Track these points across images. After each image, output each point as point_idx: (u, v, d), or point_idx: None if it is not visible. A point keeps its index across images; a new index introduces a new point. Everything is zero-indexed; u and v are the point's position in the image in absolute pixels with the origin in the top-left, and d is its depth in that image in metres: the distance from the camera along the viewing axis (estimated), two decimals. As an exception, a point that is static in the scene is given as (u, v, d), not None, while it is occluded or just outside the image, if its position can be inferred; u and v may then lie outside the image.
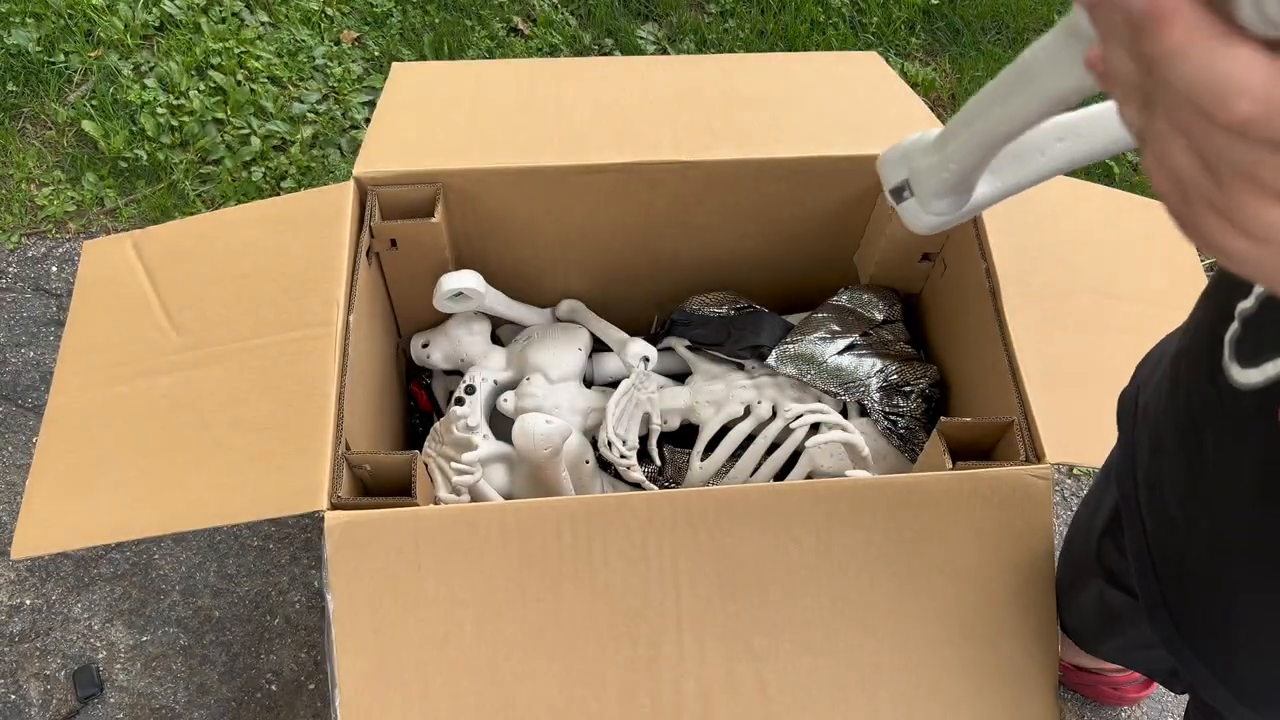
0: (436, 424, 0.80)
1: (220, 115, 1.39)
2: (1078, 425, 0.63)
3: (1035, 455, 0.62)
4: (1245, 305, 0.41)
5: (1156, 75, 0.22)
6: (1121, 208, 0.79)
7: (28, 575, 1.04)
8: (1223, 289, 0.45)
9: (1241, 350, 0.42)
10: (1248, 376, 0.41)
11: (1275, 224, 0.22)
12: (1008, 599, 0.61)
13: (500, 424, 0.80)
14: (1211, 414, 0.43)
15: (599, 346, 0.87)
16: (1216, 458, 0.40)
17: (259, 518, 0.59)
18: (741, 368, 0.84)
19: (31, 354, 1.18)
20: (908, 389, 0.80)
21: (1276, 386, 0.39)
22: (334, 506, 0.58)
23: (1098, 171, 1.50)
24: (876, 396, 0.79)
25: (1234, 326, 0.42)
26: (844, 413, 0.82)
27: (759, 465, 0.79)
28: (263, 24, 1.49)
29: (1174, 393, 0.47)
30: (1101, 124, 0.45)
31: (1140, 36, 0.22)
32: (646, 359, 0.83)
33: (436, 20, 1.52)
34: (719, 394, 0.81)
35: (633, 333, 0.87)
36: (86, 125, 1.35)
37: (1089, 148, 0.45)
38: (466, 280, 0.77)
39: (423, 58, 1.47)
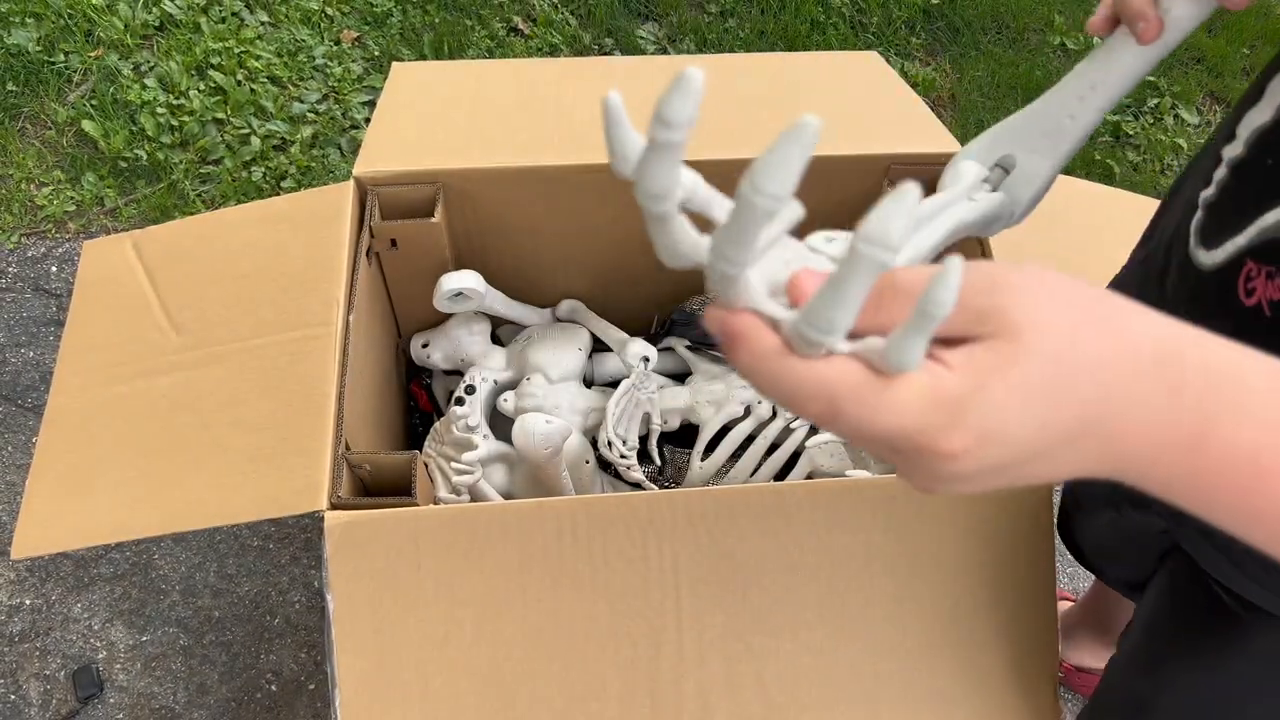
0: (436, 424, 0.80)
1: (220, 115, 1.39)
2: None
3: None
4: (1207, 193, 0.45)
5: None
6: (1122, 207, 0.79)
7: (28, 575, 1.03)
8: (1186, 185, 0.47)
9: (1205, 234, 0.45)
10: (1211, 257, 0.43)
11: (965, 468, 0.26)
12: (1008, 599, 0.61)
13: (500, 424, 0.80)
14: (1181, 299, 0.46)
15: (599, 346, 0.87)
16: None
17: (259, 518, 0.59)
18: (741, 368, 0.84)
19: (31, 354, 1.18)
20: (908, 389, 0.80)
21: (1236, 263, 0.42)
22: (334, 506, 0.58)
23: (1098, 172, 1.49)
24: (876, 396, 0.79)
25: (1198, 215, 0.45)
26: (844, 413, 0.82)
27: (759, 465, 0.79)
28: (263, 24, 1.49)
29: (1143, 286, 0.50)
30: (1113, 57, 0.46)
31: (726, 349, 0.27)
32: (646, 359, 0.83)
33: (436, 20, 1.52)
34: (719, 394, 0.81)
35: (633, 333, 0.87)
36: (86, 125, 1.35)
37: (1114, 86, 0.46)
38: (466, 280, 0.77)
39: (423, 57, 1.47)
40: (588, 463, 0.78)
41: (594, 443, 0.80)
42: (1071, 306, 0.26)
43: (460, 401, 0.79)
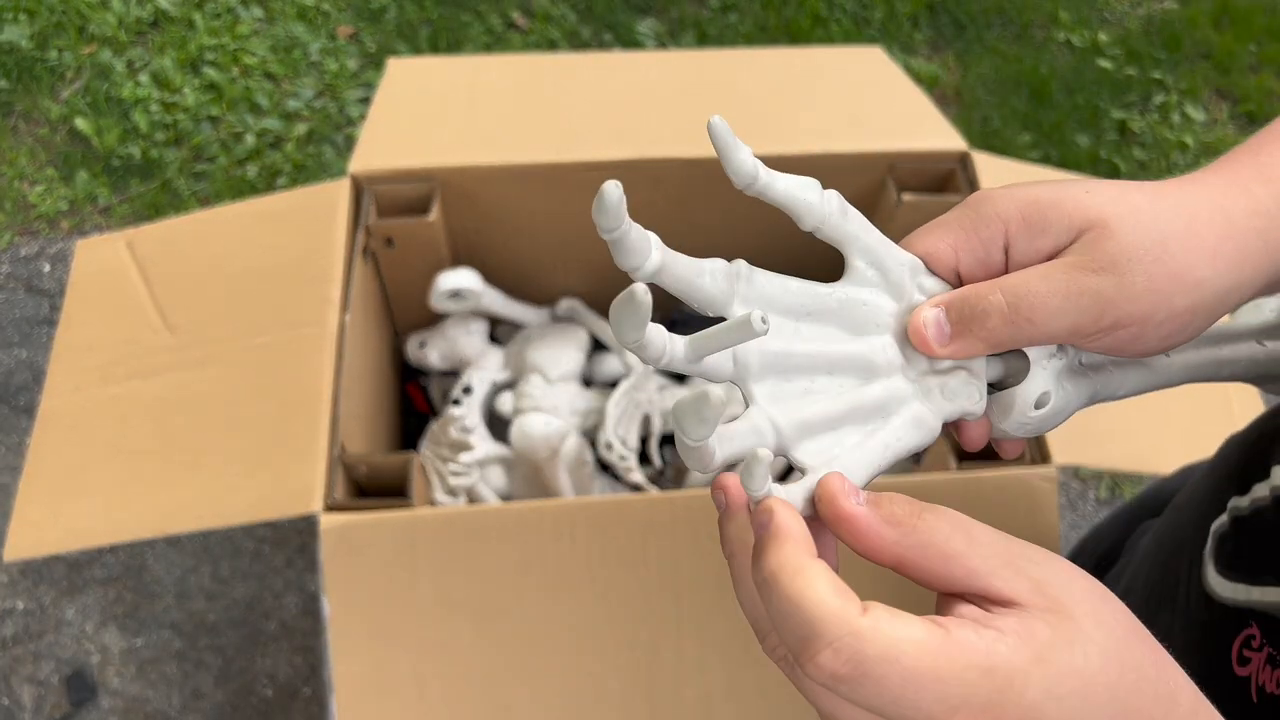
0: (433, 425, 0.79)
1: (214, 112, 1.38)
2: (1083, 427, 0.62)
3: (1041, 457, 0.61)
4: (1239, 502, 0.37)
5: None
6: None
7: (20, 578, 1.02)
8: (1227, 464, 0.39)
9: (1222, 555, 0.37)
10: (1225, 589, 0.36)
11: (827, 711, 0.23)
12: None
13: (498, 425, 0.79)
14: (1194, 625, 0.38)
15: (598, 346, 0.86)
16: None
17: (253, 520, 0.58)
18: (743, 367, 0.83)
19: (24, 354, 1.17)
20: (911, 388, 0.79)
21: (1241, 615, 0.34)
22: (329, 509, 0.57)
23: (1104, 170, 1.49)
24: (880, 396, 0.78)
25: (1223, 520, 0.37)
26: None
27: (761, 466, 0.78)
28: (257, 19, 1.48)
29: (1160, 586, 0.42)
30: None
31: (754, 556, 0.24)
32: (646, 358, 0.82)
33: (433, 15, 1.51)
34: (720, 394, 0.80)
35: (632, 332, 0.86)
36: (79, 122, 1.34)
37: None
38: (464, 279, 0.77)
39: (419, 53, 1.46)
40: (586, 464, 0.77)
41: (593, 444, 0.79)
42: (1117, 615, 0.23)
43: (457, 402, 0.78)
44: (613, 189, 0.23)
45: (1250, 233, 0.27)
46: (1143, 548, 0.49)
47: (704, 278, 0.26)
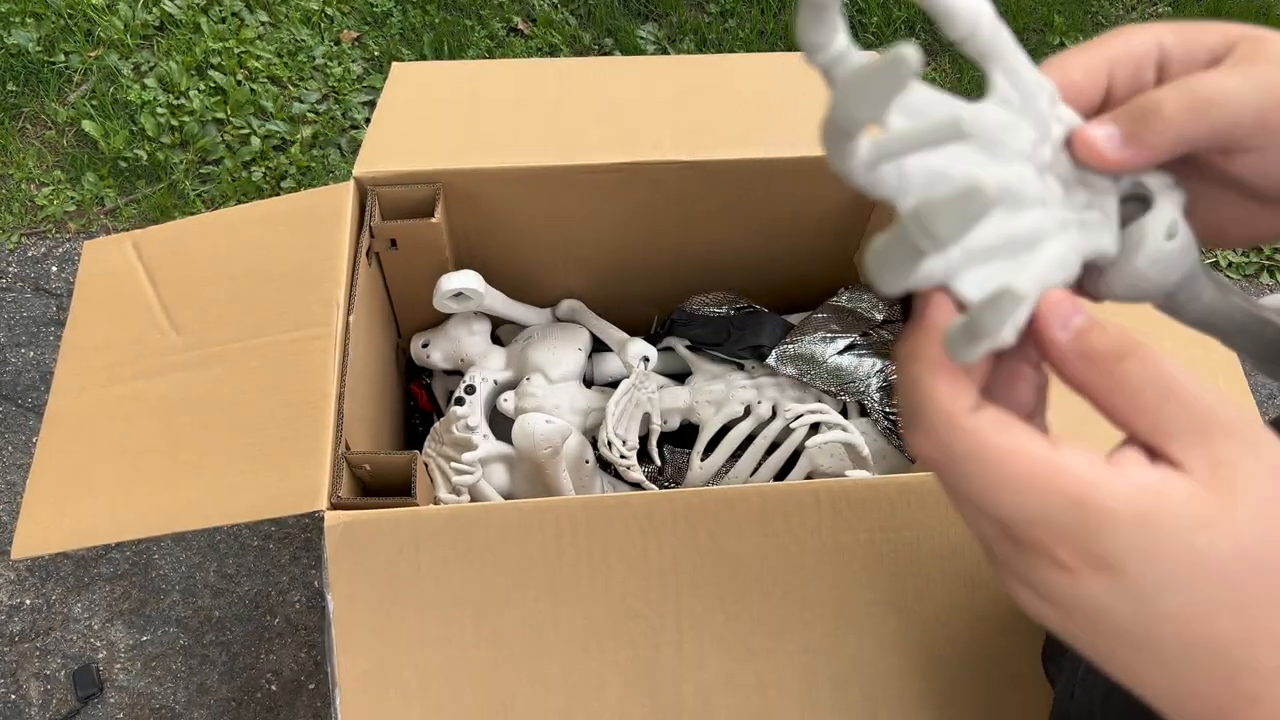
0: (436, 424, 0.80)
1: (220, 115, 1.39)
2: (1076, 424, 0.63)
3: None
4: None
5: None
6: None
7: (27, 575, 1.03)
8: None
9: None
10: None
11: (1064, 590, 0.22)
12: (1009, 599, 0.61)
13: (500, 424, 0.80)
14: None
15: (599, 346, 0.87)
16: None
17: (258, 518, 0.59)
18: (741, 368, 0.84)
19: (31, 354, 1.18)
20: (908, 389, 0.79)
21: None
22: (334, 506, 0.58)
23: (1098, 171, 1.49)
24: (877, 396, 0.79)
25: None
26: (844, 413, 0.82)
27: (759, 465, 0.79)
28: (262, 24, 1.49)
29: None
30: None
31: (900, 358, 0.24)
32: (646, 359, 0.83)
33: (436, 20, 1.52)
34: (719, 394, 0.81)
35: (633, 333, 0.87)
36: (86, 125, 1.35)
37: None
38: (466, 280, 0.77)
39: (423, 57, 1.47)
40: (587, 463, 0.78)
41: (594, 443, 0.79)
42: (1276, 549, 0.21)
43: (460, 401, 0.79)
44: None
45: None
46: None
47: (877, 63, 0.24)
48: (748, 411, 0.80)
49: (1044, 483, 0.21)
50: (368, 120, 1.29)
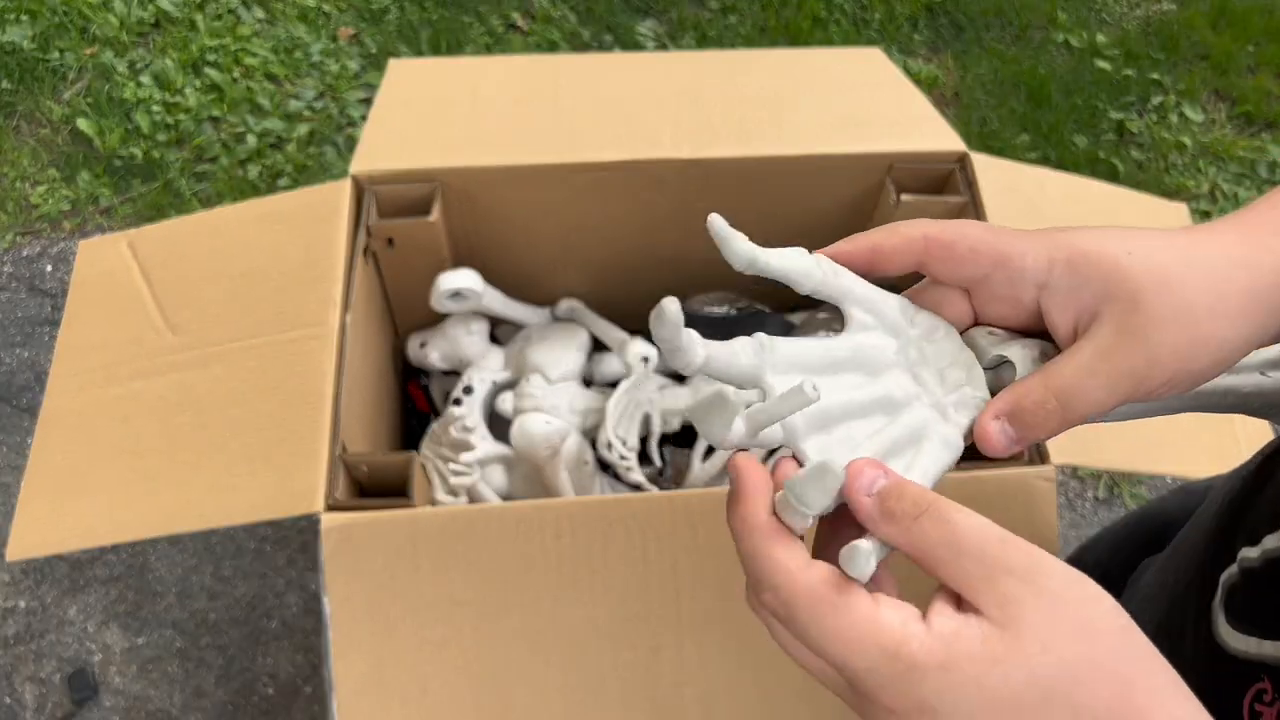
0: (434, 425, 0.79)
1: (216, 113, 1.38)
2: (1082, 427, 0.62)
3: (1039, 456, 0.61)
4: (1249, 554, 0.37)
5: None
6: (1124, 205, 0.79)
7: (22, 577, 1.03)
8: (1232, 509, 0.39)
9: (1233, 606, 0.37)
10: (1237, 641, 0.36)
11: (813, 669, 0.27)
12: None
13: (499, 425, 0.79)
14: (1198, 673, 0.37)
15: (599, 346, 0.86)
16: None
17: (255, 520, 0.58)
18: (742, 367, 0.83)
19: (26, 354, 1.18)
20: (910, 389, 0.79)
21: (1252, 670, 0.34)
22: (330, 508, 0.58)
23: (1102, 170, 1.49)
24: (879, 396, 0.79)
25: (1233, 570, 0.37)
26: (846, 413, 0.81)
27: (760, 466, 0.79)
28: (259, 20, 1.48)
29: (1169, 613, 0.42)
30: None
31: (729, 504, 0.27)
32: (647, 359, 0.83)
33: (434, 16, 1.51)
34: (720, 394, 0.80)
35: (633, 332, 0.86)
36: (81, 123, 1.35)
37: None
38: (464, 279, 0.77)
39: (420, 54, 1.46)
40: (587, 464, 0.78)
41: (593, 444, 0.79)
42: (1092, 639, 0.24)
43: (458, 402, 0.78)
44: (671, 307, 0.27)
45: (1274, 288, 0.29)
46: (1143, 589, 0.49)
47: (739, 357, 0.29)
48: (749, 411, 0.80)
49: (867, 637, 0.24)
50: (364, 118, 1.28)
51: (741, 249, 0.30)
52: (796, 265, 0.30)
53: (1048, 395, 0.29)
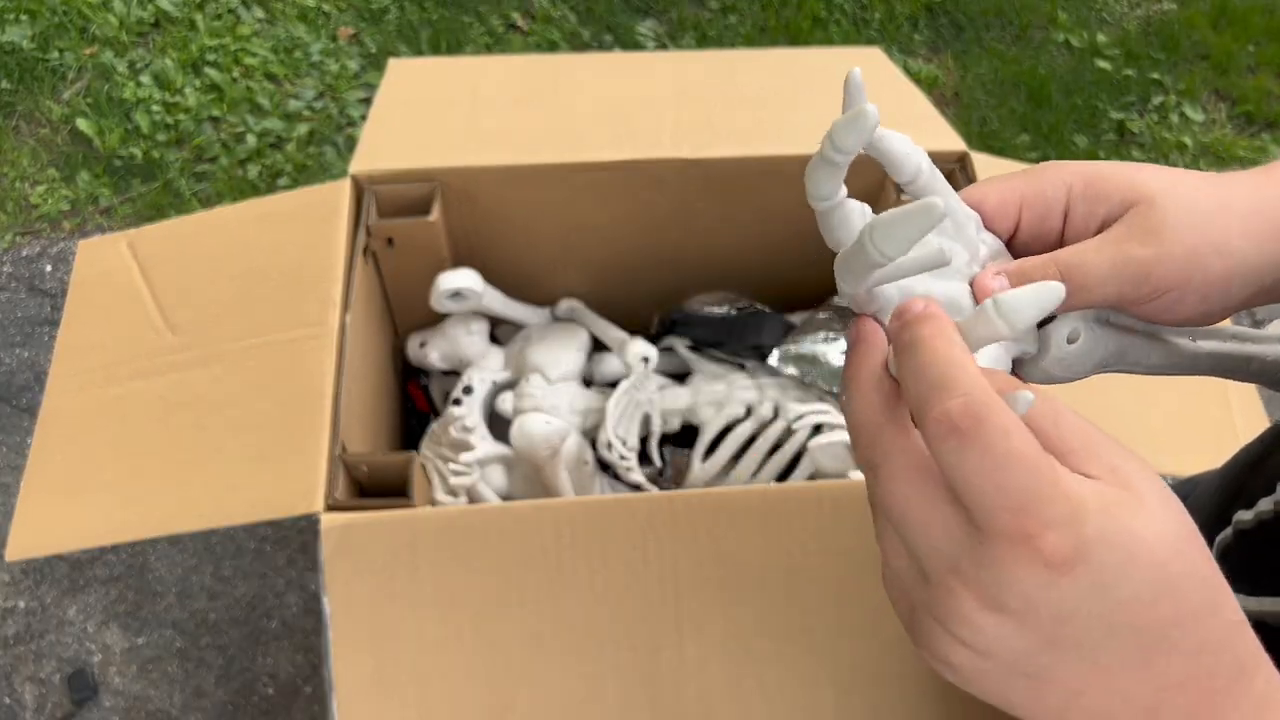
0: (433, 425, 0.79)
1: (216, 113, 1.38)
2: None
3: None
4: (1243, 516, 0.37)
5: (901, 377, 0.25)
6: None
7: (22, 578, 1.03)
8: (1233, 480, 0.41)
9: (1224, 567, 0.37)
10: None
11: (985, 632, 0.23)
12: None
13: (499, 425, 0.79)
14: None
15: (599, 346, 0.86)
16: None
17: (255, 520, 0.58)
18: (743, 368, 0.83)
19: (26, 354, 1.18)
20: (910, 389, 0.79)
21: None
22: (330, 508, 0.58)
23: (1100, 169, 1.49)
24: (879, 396, 0.79)
25: (1227, 532, 0.38)
26: (846, 413, 0.81)
27: (761, 466, 0.79)
28: (259, 20, 1.48)
29: None
30: None
31: (900, 334, 0.26)
32: (646, 359, 0.82)
33: (434, 16, 1.51)
34: (720, 394, 0.80)
35: (633, 332, 0.86)
36: (81, 123, 1.35)
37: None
38: (464, 279, 0.77)
39: (420, 54, 1.46)
40: (587, 464, 0.78)
41: (593, 444, 0.79)
42: (1185, 517, 0.24)
43: (458, 402, 0.78)
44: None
45: None
46: None
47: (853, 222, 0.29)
48: (749, 412, 0.80)
49: (1046, 475, 0.22)
50: (364, 118, 1.28)
51: (870, 112, 0.28)
52: (903, 151, 0.30)
53: (1050, 262, 0.30)
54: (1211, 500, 0.42)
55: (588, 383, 0.85)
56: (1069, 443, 0.24)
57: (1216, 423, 0.69)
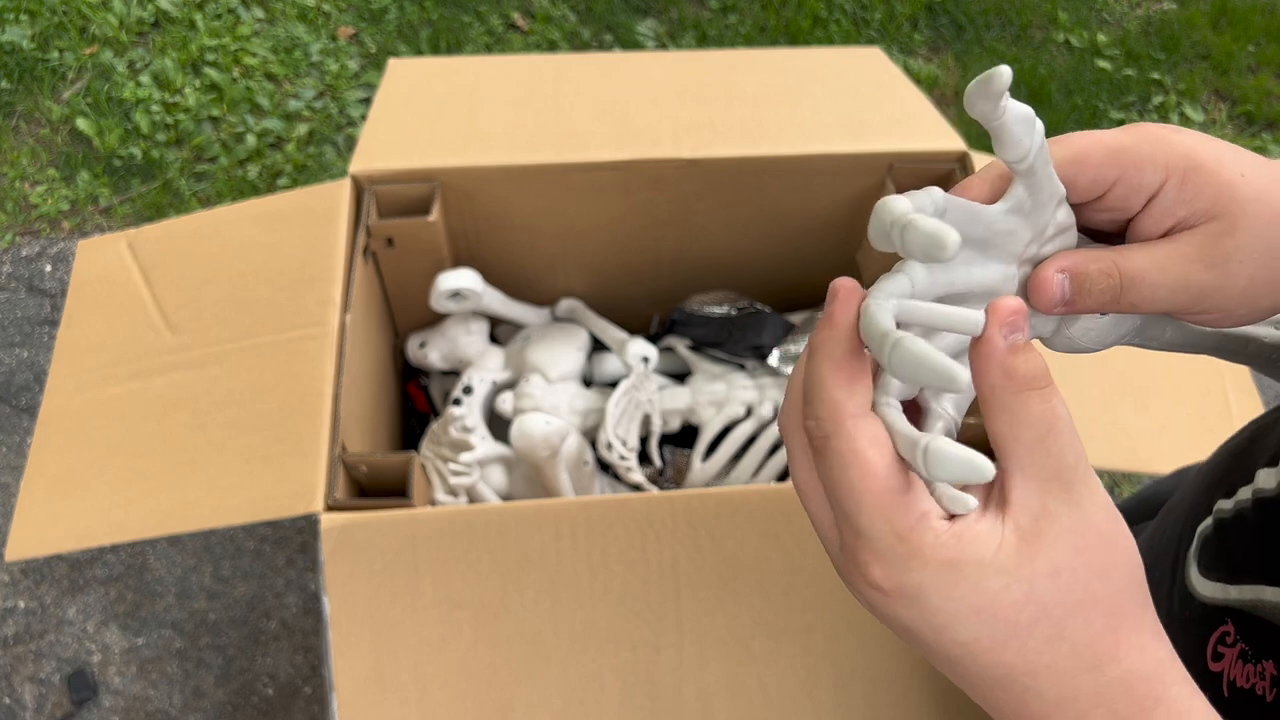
0: (433, 425, 0.79)
1: (215, 112, 1.38)
2: (1084, 428, 0.62)
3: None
4: (1223, 505, 0.38)
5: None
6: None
7: (21, 578, 1.03)
8: (1216, 469, 0.41)
9: (1205, 556, 0.38)
10: (1205, 588, 0.37)
11: (876, 606, 0.25)
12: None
13: (499, 425, 0.79)
14: (1177, 624, 0.39)
15: (598, 346, 0.86)
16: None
17: (254, 520, 0.58)
18: (743, 368, 0.83)
19: (25, 354, 1.18)
20: (910, 388, 0.79)
21: (1218, 613, 0.36)
22: (330, 508, 0.58)
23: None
24: (879, 396, 0.79)
25: (1208, 522, 0.39)
26: (846, 412, 0.81)
27: (761, 466, 0.79)
28: (258, 20, 1.48)
29: (1157, 571, 0.43)
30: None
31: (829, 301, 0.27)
32: (646, 359, 0.82)
33: (434, 16, 1.51)
34: (720, 394, 0.80)
35: (633, 332, 0.86)
36: (81, 123, 1.35)
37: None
38: (464, 279, 0.77)
39: (420, 54, 1.46)
40: (587, 464, 0.77)
41: (593, 444, 0.79)
42: (1104, 576, 0.24)
43: (458, 402, 0.78)
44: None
45: None
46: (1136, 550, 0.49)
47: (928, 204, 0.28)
48: (749, 412, 0.80)
49: (886, 509, 0.24)
50: (364, 117, 1.28)
51: (1004, 74, 0.27)
52: (1026, 123, 0.28)
53: (1115, 269, 0.29)
54: (1194, 488, 0.43)
55: (588, 383, 0.85)
56: (1025, 469, 0.24)
57: (1211, 411, 0.69)
